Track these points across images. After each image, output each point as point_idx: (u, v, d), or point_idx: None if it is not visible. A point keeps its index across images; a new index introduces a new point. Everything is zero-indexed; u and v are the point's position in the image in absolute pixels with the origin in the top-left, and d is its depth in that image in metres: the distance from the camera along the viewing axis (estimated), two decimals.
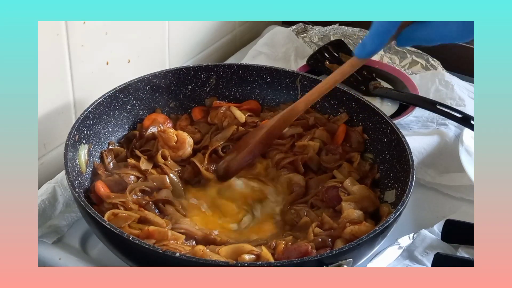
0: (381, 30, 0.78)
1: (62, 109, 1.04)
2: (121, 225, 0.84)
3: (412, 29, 0.77)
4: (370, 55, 0.82)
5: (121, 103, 1.02)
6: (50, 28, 0.96)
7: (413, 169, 0.90)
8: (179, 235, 0.85)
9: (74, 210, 0.96)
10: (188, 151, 1.01)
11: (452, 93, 1.25)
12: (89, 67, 1.06)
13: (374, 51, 0.81)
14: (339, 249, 0.78)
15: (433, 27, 0.75)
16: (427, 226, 0.95)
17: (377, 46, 0.80)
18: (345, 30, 1.41)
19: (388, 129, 0.99)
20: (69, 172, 0.86)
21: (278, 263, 0.76)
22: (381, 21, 0.78)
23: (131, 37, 1.14)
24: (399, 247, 0.92)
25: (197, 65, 1.10)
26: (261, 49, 1.37)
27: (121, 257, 0.83)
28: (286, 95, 1.12)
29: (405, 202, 0.85)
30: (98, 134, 0.98)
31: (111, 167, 0.96)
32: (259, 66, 1.12)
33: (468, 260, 0.87)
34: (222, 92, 1.11)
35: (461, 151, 1.05)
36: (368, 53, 0.82)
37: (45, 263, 0.90)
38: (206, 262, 0.76)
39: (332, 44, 1.36)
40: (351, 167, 0.99)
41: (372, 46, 0.80)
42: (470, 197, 1.04)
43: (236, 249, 0.83)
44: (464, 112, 1.10)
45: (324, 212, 0.92)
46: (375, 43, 0.80)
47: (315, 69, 1.29)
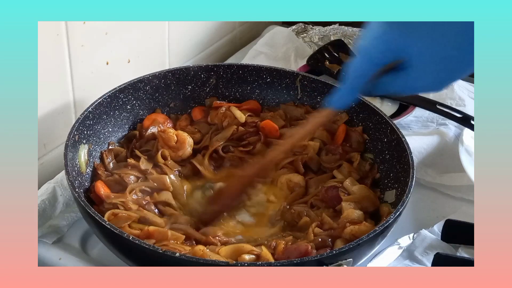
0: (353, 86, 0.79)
1: (62, 109, 1.04)
2: (121, 225, 0.84)
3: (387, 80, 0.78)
4: (344, 107, 0.83)
5: (121, 103, 1.02)
6: (50, 28, 0.96)
7: (413, 169, 0.90)
8: (179, 235, 0.85)
9: (74, 210, 0.96)
10: (188, 151, 1.01)
11: (452, 93, 1.25)
12: (89, 67, 1.06)
13: (348, 104, 0.82)
14: (339, 249, 0.78)
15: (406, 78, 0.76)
16: (427, 226, 0.95)
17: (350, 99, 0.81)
18: (345, 30, 1.41)
19: (388, 129, 0.99)
20: (69, 172, 0.86)
21: (278, 263, 0.76)
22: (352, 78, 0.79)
23: (131, 37, 1.14)
24: (399, 247, 0.92)
25: (197, 65, 1.10)
26: (261, 49, 1.37)
27: (121, 257, 0.83)
28: (286, 95, 1.12)
29: (405, 202, 0.85)
30: (98, 134, 0.98)
31: (111, 167, 0.96)
32: (259, 66, 1.12)
33: (468, 260, 0.87)
34: (222, 92, 1.11)
35: (461, 151, 1.05)
36: (343, 106, 0.82)
37: (45, 263, 0.90)
38: (206, 262, 0.76)
39: (332, 44, 1.36)
40: (351, 167, 0.99)
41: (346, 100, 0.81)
42: (470, 197, 1.04)
43: (236, 249, 0.83)
44: (464, 112, 1.10)
45: (324, 212, 0.92)
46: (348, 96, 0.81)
47: (315, 69, 1.29)
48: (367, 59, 0.77)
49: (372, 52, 0.76)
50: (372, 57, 0.76)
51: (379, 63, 0.76)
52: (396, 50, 0.74)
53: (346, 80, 0.79)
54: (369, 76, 0.77)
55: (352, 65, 0.78)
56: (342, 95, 0.81)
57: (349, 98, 0.81)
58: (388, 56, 0.75)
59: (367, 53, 0.76)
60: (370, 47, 0.76)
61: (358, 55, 0.77)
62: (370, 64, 0.77)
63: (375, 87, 0.79)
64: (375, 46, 0.76)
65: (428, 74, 0.74)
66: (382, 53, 0.75)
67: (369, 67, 0.77)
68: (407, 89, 0.78)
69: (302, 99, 1.11)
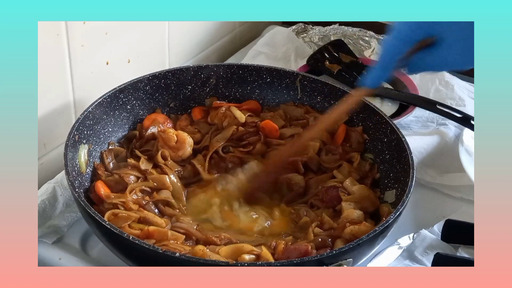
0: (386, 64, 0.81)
1: (62, 109, 1.04)
2: (121, 225, 0.84)
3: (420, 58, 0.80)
4: (378, 85, 0.85)
5: (121, 103, 1.02)
6: (50, 28, 0.96)
7: (413, 169, 0.90)
8: (179, 235, 0.85)
9: (74, 210, 0.96)
10: (188, 151, 1.01)
11: (452, 93, 1.25)
12: (89, 67, 1.06)
13: (382, 82, 0.84)
14: (339, 249, 0.78)
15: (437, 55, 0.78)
16: (427, 226, 0.95)
17: (383, 77, 0.83)
18: (345, 30, 1.41)
19: (388, 129, 0.99)
20: (69, 172, 0.86)
21: (278, 263, 0.76)
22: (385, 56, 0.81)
23: (131, 37, 1.14)
24: (399, 247, 0.92)
25: (197, 65, 1.10)
26: (261, 49, 1.37)
27: (121, 257, 0.83)
28: (286, 95, 1.12)
29: (405, 202, 0.85)
30: (98, 134, 0.98)
31: (111, 167, 0.96)
32: (259, 66, 1.12)
33: (468, 260, 0.87)
34: (222, 92, 1.11)
35: (461, 151, 1.05)
36: (376, 84, 0.85)
37: (45, 263, 0.90)
38: (206, 262, 0.76)
39: (332, 44, 1.36)
40: (351, 167, 0.99)
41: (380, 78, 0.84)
42: (470, 197, 1.04)
43: (236, 249, 0.83)
44: (464, 112, 1.10)
45: (324, 212, 0.92)
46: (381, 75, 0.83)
47: (315, 69, 1.29)
48: (399, 37, 0.78)
49: (403, 30, 0.78)
50: (403, 35, 0.78)
51: (410, 41, 0.78)
52: (427, 27, 0.76)
53: (379, 59, 0.81)
54: (402, 54, 0.79)
55: (384, 43, 0.80)
56: (375, 74, 0.83)
57: (382, 76, 0.83)
58: (419, 34, 0.77)
59: (399, 32, 0.78)
60: (401, 25, 0.78)
61: (390, 34, 0.79)
62: (402, 42, 0.78)
63: (408, 64, 0.81)
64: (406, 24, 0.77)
65: (458, 50, 0.76)
66: (413, 31, 0.77)
67: (401, 45, 0.79)
68: (438, 65, 0.80)
69: (302, 99, 1.11)
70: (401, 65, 0.81)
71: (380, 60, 0.82)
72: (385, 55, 0.81)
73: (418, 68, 0.82)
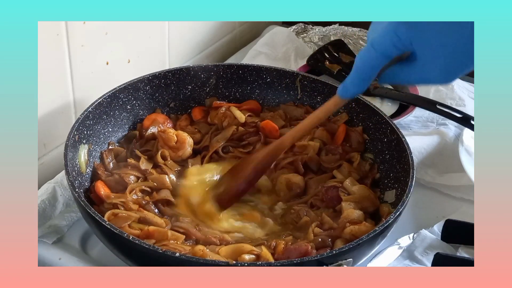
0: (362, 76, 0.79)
1: (62, 109, 1.04)
2: (121, 225, 0.84)
3: (394, 71, 0.79)
4: (352, 96, 0.83)
5: (121, 103, 1.02)
6: (50, 28, 0.96)
7: (413, 169, 0.90)
8: (179, 235, 0.85)
9: (74, 210, 0.96)
10: (188, 151, 1.01)
11: (452, 93, 1.25)
12: (89, 67, 1.06)
13: (356, 93, 0.82)
14: (339, 249, 0.78)
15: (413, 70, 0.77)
16: (427, 226, 0.95)
17: (359, 89, 0.81)
18: (345, 30, 1.41)
19: (388, 129, 0.99)
20: (69, 172, 0.86)
21: (278, 263, 0.76)
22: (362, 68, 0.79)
23: (131, 37, 1.14)
24: (399, 247, 0.92)
25: (197, 65, 1.10)
26: (261, 49, 1.37)
27: (121, 257, 0.83)
28: (286, 95, 1.12)
29: (405, 202, 0.85)
30: (98, 134, 0.98)
31: (111, 167, 0.96)
32: (259, 66, 1.12)
33: (468, 260, 0.87)
34: (222, 92, 1.11)
35: (461, 151, 1.05)
36: (350, 95, 0.83)
37: (45, 263, 0.90)
38: (206, 262, 0.76)
39: (332, 44, 1.36)
40: (351, 167, 0.99)
41: (354, 89, 0.82)
42: (470, 197, 1.04)
43: (236, 249, 0.83)
44: (464, 112, 1.10)
45: (324, 212, 0.92)
46: (356, 86, 0.81)
47: (315, 69, 1.29)
48: (378, 51, 0.77)
49: (383, 44, 0.76)
50: (383, 49, 0.76)
51: (390, 55, 0.77)
52: (407, 42, 0.74)
53: (356, 70, 0.80)
54: (380, 66, 0.78)
55: (362, 56, 0.79)
56: (351, 84, 0.81)
57: (358, 89, 0.81)
58: (399, 48, 0.75)
59: (380, 45, 0.76)
60: (381, 39, 0.76)
61: (370, 47, 0.77)
62: (381, 56, 0.77)
63: (382, 76, 0.80)
64: (387, 38, 0.76)
65: (436, 66, 0.75)
66: (393, 45, 0.75)
67: (380, 59, 0.77)
68: (415, 79, 0.79)
69: (302, 99, 1.11)
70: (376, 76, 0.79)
71: (357, 72, 0.79)
72: (362, 67, 0.79)
73: (389, 80, 0.81)
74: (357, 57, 0.79)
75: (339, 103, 0.87)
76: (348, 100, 0.86)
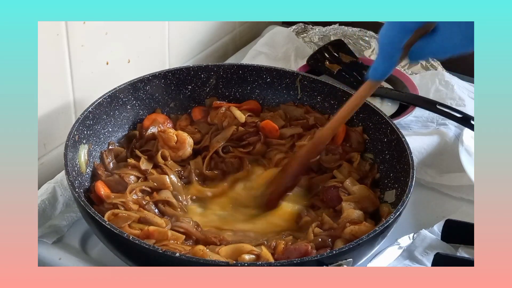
0: (387, 53, 0.80)
1: (62, 109, 1.04)
2: (121, 225, 0.84)
3: (420, 46, 0.79)
4: (384, 76, 0.84)
5: (121, 103, 1.02)
6: (50, 28, 0.96)
7: (413, 169, 0.90)
8: (179, 235, 0.85)
9: (74, 210, 0.96)
10: (188, 151, 1.01)
11: (452, 93, 1.24)
12: (89, 67, 1.06)
13: (387, 73, 0.83)
14: (339, 249, 0.78)
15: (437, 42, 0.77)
16: (427, 226, 0.95)
17: (388, 68, 0.82)
18: (345, 30, 1.41)
19: (388, 129, 0.99)
20: (69, 172, 0.86)
21: (278, 263, 0.76)
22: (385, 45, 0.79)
23: (131, 37, 1.14)
24: (399, 247, 0.92)
25: (197, 65, 1.10)
26: (261, 49, 1.37)
27: (121, 257, 0.83)
28: (286, 95, 1.12)
29: (405, 202, 0.85)
30: (98, 134, 0.98)
31: (111, 167, 0.96)
32: (259, 66, 1.12)
33: (468, 260, 0.87)
34: (222, 92, 1.11)
35: (461, 151, 1.05)
36: (382, 76, 0.83)
37: (45, 263, 0.90)
38: (206, 262, 0.76)
39: (332, 44, 1.36)
40: (351, 167, 0.99)
41: (383, 68, 0.82)
42: (470, 197, 1.04)
43: (236, 249, 0.83)
44: (464, 112, 1.10)
45: (324, 212, 0.92)
46: (385, 65, 0.81)
47: (315, 69, 1.29)
48: (396, 25, 0.77)
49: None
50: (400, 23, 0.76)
51: (409, 28, 0.77)
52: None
53: (379, 50, 0.80)
54: (402, 42, 0.78)
55: (382, 32, 0.79)
56: (378, 64, 0.81)
57: (386, 66, 0.81)
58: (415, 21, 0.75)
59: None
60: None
61: (388, 23, 0.78)
62: (401, 29, 0.77)
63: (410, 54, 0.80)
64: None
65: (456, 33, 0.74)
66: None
67: (400, 33, 0.77)
68: (439, 51, 0.78)
69: (302, 99, 1.11)
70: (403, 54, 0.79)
71: (381, 51, 0.80)
72: (385, 43, 0.79)
73: (419, 57, 0.81)
74: (379, 36, 0.80)
75: (372, 86, 0.87)
76: (380, 81, 0.86)
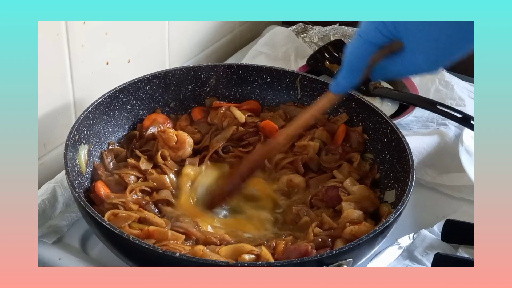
0: (352, 68, 0.79)
1: (62, 109, 1.04)
2: (121, 225, 0.84)
3: (384, 65, 0.78)
4: (345, 91, 0.83)
5: (121, 103, 1.02)
6: (50, 28, 0.96)
7: (413, 169, 0.90)
8: (179, 235, 0.85)
9: (74, 210, 0.96)
10: (188, 151, 1.01)
11: (452, 93, 1.24)
12: (89, 67, 1.06)
13: (349, 88, 0.82)
14: (339, 249, 0.78)
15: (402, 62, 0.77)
16: (427, 226, 0.95)
17: (350, 83, 0.81)
18: (345, 30, 1.41)
19: (388, 129, 0.99)
20: (69, 172, 0.86)
21: (278, 263, 0.76)
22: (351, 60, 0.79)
23: (131, 37, 1.14)
24: (399, 247, 0.92)
25: (197, 65, 1.10)
26: (261, 49, 1.37)
27: (121, 257, 0.83)
28: (286, 95, 1.12)
29: (405, 202, 0.85)
30: (98, 134, 0.98)
31: (111, 167, 0.96)
32: (259, 66, 1.12)
33: (468, 260, 0.87)
34: (222, 92, 1.11)
35: (461, 151, 1.05)
36: (343, 90, 0.83)
37: (45, 263, 0.90)
38: (206, 262, 0.76)
39: (332, 44, 1.36)
40: (351, 167, 0.99)
41: (346, 84, 0.81)
42: (470, 197, 1.04)
43: (236, 249, 0.83)
44: (464, 112, 1.10)
45: (324, 212, 0.92)
46: (348, 80, 0.81)
47: (315, 69, 1.29)
48: (365, 39, 0.77)
49: (369, 31, 0.76)
50: (369, 37, 0.76)
51: (376, 43, 0.77)
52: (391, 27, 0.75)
53: (345, 63, 0.79)
54: (368, 58, 0.78)
55: (350, 46, 0.79)
56: (342, 79, 0.81)
57: (348, 81, 0.81)
58: (385, 35, 0.75)
59: (364, 33, 0.77)
60: (367, 27, 0.77)
61: (357, 37, 0.78)
62: (368, 44, 0.77)
63: (374, 72, 0.80)
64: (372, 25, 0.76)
65: (422, 54, 0.75)
66: (379, 32, 0.75)
67: (367, 47, 0.77)
68: (403, 70, 0.78)
69: (302, 99, 1.11)
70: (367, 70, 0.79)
71: (346, 64, 0.79)
72: (351, 58, 0.79)
73: (381, 75, 0.81)
74: (346, 50, 0.79)
75: (332, 100, 0.86)
76: (341, 96, 0.85)
